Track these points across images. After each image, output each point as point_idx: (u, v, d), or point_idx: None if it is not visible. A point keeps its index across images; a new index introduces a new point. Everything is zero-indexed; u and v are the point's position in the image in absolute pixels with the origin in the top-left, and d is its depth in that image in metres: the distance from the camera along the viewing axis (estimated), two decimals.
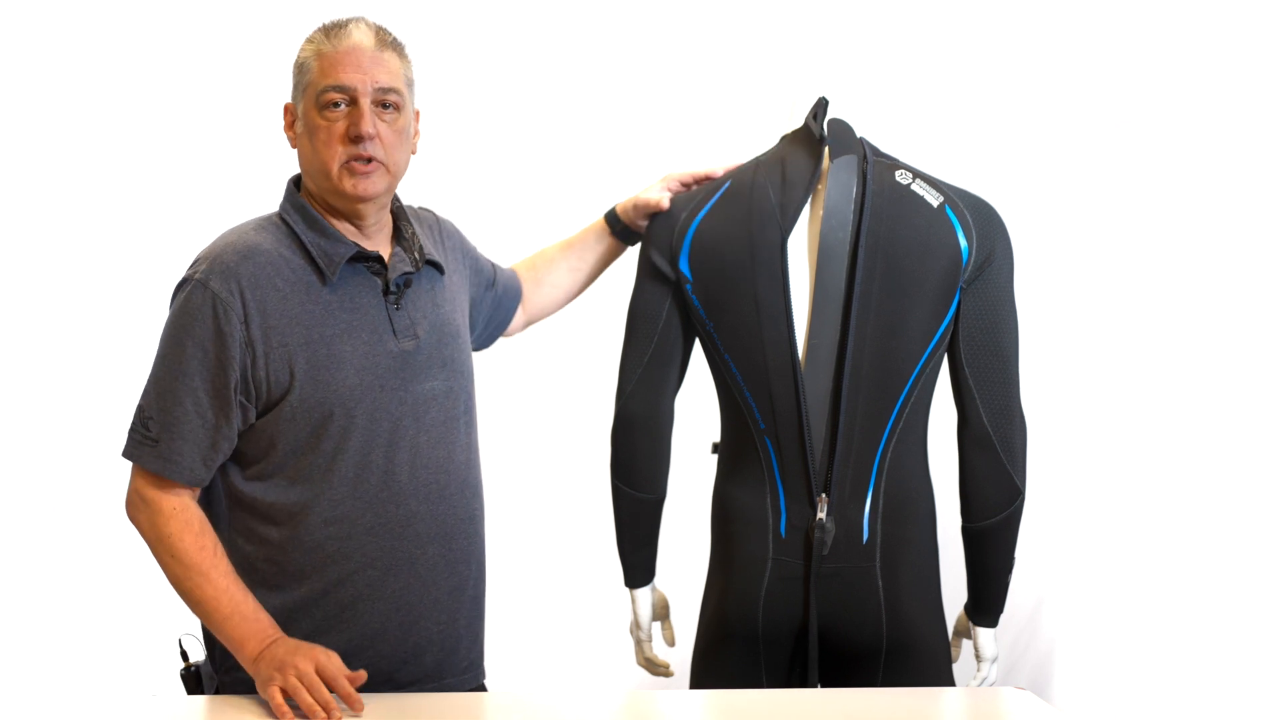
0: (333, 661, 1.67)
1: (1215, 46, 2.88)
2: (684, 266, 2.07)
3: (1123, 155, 3.00)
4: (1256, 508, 2.77)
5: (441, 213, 2.09)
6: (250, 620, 1.73)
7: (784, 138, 2.13)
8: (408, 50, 1.87)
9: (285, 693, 1.65)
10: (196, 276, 1.76)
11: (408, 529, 1.82)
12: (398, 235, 1.90)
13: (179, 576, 1.75)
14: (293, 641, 1.71)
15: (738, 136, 2.58)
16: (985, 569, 2.09)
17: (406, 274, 1.85)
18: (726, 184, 2.10)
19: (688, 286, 2.07)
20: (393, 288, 1.83)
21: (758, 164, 2.10)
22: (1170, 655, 2.82)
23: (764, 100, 2.74)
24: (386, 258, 1.85)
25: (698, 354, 2.15)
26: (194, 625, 1.86)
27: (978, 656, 2.14)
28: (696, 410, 2.35)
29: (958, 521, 2.08)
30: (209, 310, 1.73)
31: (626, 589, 2.26)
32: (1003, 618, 2.14)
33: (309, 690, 1.64)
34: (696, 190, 2.13)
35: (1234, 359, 2.83)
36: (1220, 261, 2.86)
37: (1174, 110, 2.93)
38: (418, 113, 1.90)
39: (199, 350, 1.73)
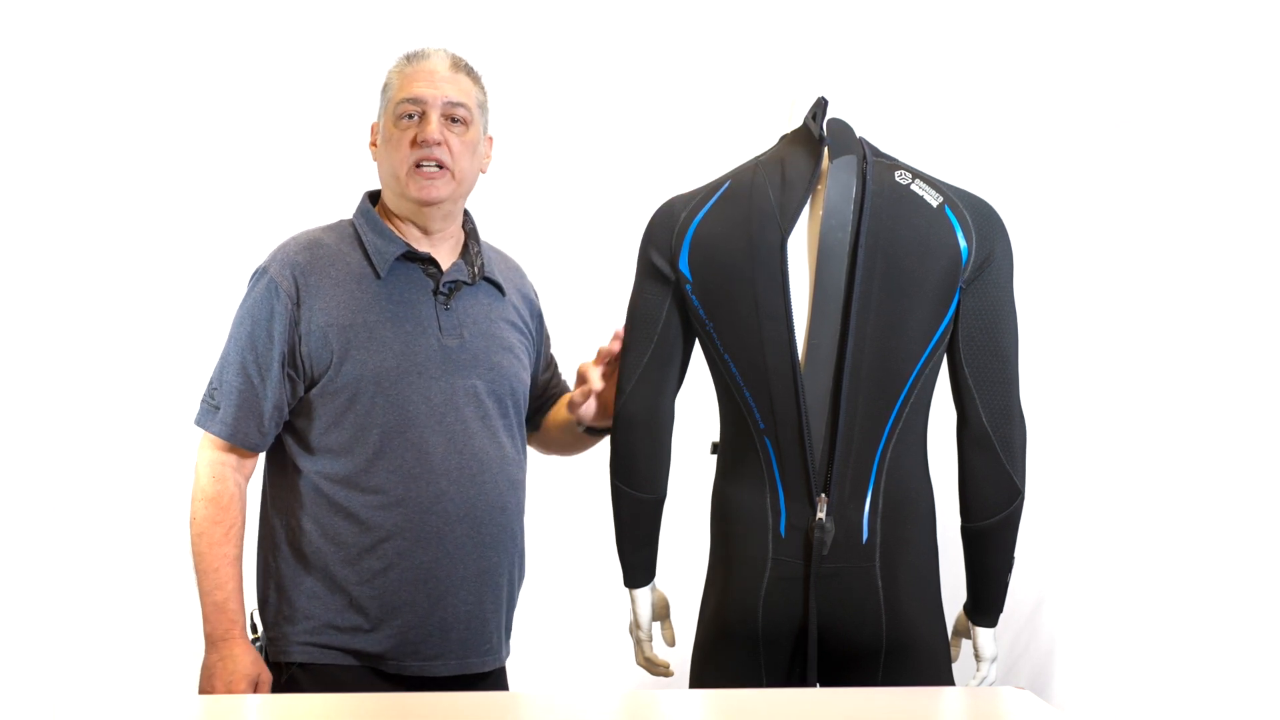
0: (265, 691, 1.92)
1: (1215, 46, 2.88)
2: (684, 266, 2.07)
3: (1123, 155, 3.00)
4: (1256, 508, 2.77)
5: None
6: (219, 606, 1.95)
7: (783, 138, 2.13)
8: (485, 81, 2.09)
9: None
10: (261, 265, 2.02)
11: (436, 504, 1.97)
12: (465, 251, 2.09)
13: (191, 537, 1.98)
14: (241, 653, 1.93)
15: (738, 136, 2.58)
16: (985, 569, 2.09)
17: (459, 280, 2.04)
18: (726, 184, 2.10)
19: (687, 286, 2.07)
20: (442, 289, 2.02)
21: (757, 164, 2.10)
22: (1170, 655, 2.82)
23: (763, 100, 2.74)
24: (445, 265, 2.05)
25: (698, 354, 2.15)
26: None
27: (977, 656, 2.14)
28: (696, 410, 2.35)
29: (958, 521, 2.08)
30: (265, 291, 1.98)
31: (626, 589, 2.26)
32: (1003, 618, 2.14)
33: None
34: (696, 190, 2.13)
35: (1234, 359, 2.83)
36: (1220, 261, 2.86)
37: (1174, 110, 2.93)
38: (491, 139, 2.11)
39: (255, 327, 1.97)
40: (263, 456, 2.06)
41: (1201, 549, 2.81)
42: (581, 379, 2.10)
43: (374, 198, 2.10)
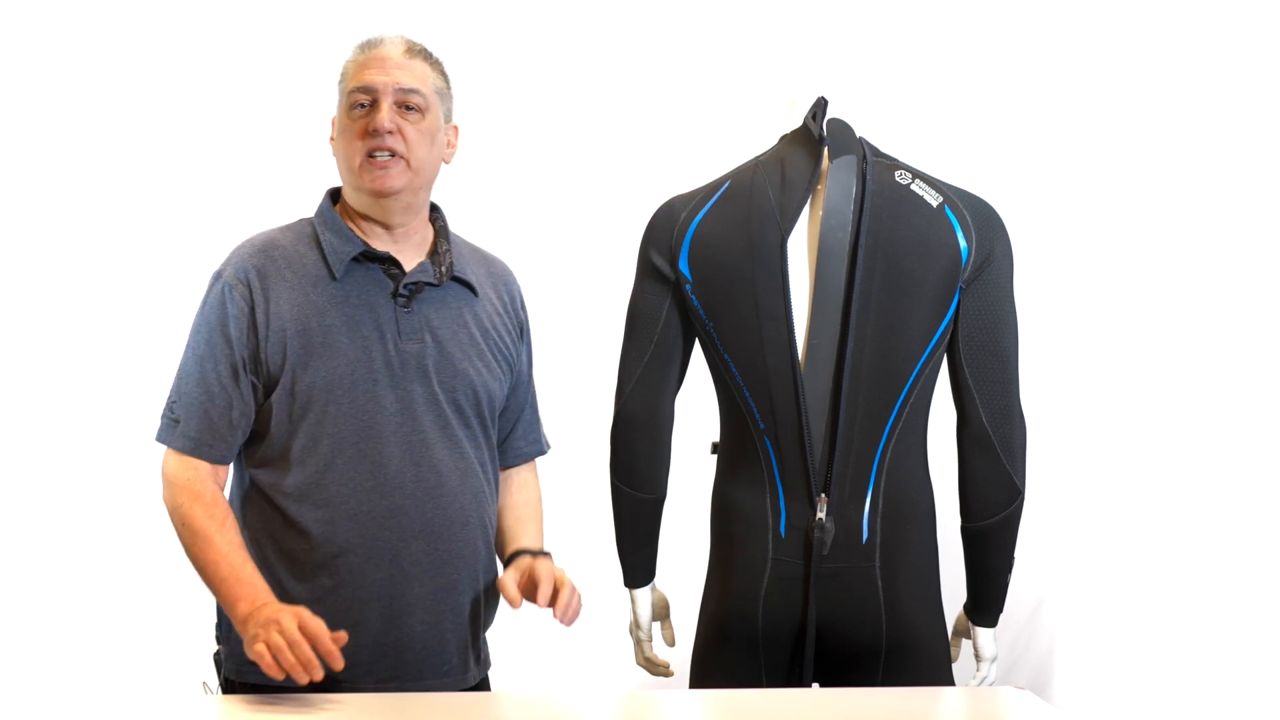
0: (316, 621, 1.71)
1: (1215, 46, 2.88)
2: (683, 266, 2.07)
3: (1123, 155, 3.00)
4: (1256, 508, 2.77)
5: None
6: (245, 584, 1.78)
7: (783, 138, 2.13)
8: (445, 67, 1.96)
9: (271, 650, 1.68)
10: (217, 269, 1.91)
11: (390, 519, 1.85)
12: (434, 250, 1.96)
13: (188, 543, 1.84)
14: (281, 604, 1.76)
15: (738, 136, 2.58)
16: (985, 569, 2.09)
17: (421, 281, 1.90)
18: (726, 184, 2.10)
19: (687, 286, 2.07)
20: (402, 290, 1.89)
21: (757, 164, 2.10)
22: (1170, 655, 2.82)
23: (763, 100, 2.74)
24: (409, 265, 1.92)
25: (698, 354, 2.15)
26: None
27: (977, 656, 2.14)
28: (696, 410, 2.35)
29: (958, 521, 2.08)
30: (221, 296, 1.87)
31: (626, 589, 2.26)
32: (1003, 618, 2.14)
33: (291, 648, 1.68)
34: (696, 190, 2.13)
35: (1234, 359, 2.83)
36: (1220, 261, 2.86)
37: (1174, 110, 2.93)
38: (456, 127, 1.99)
39: (211, 334, 1.86)
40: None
41: (1201, 549, 2.81)
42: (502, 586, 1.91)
43: (337, 195, 1.98)
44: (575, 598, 1.88)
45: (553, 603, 1.87)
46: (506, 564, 1.97)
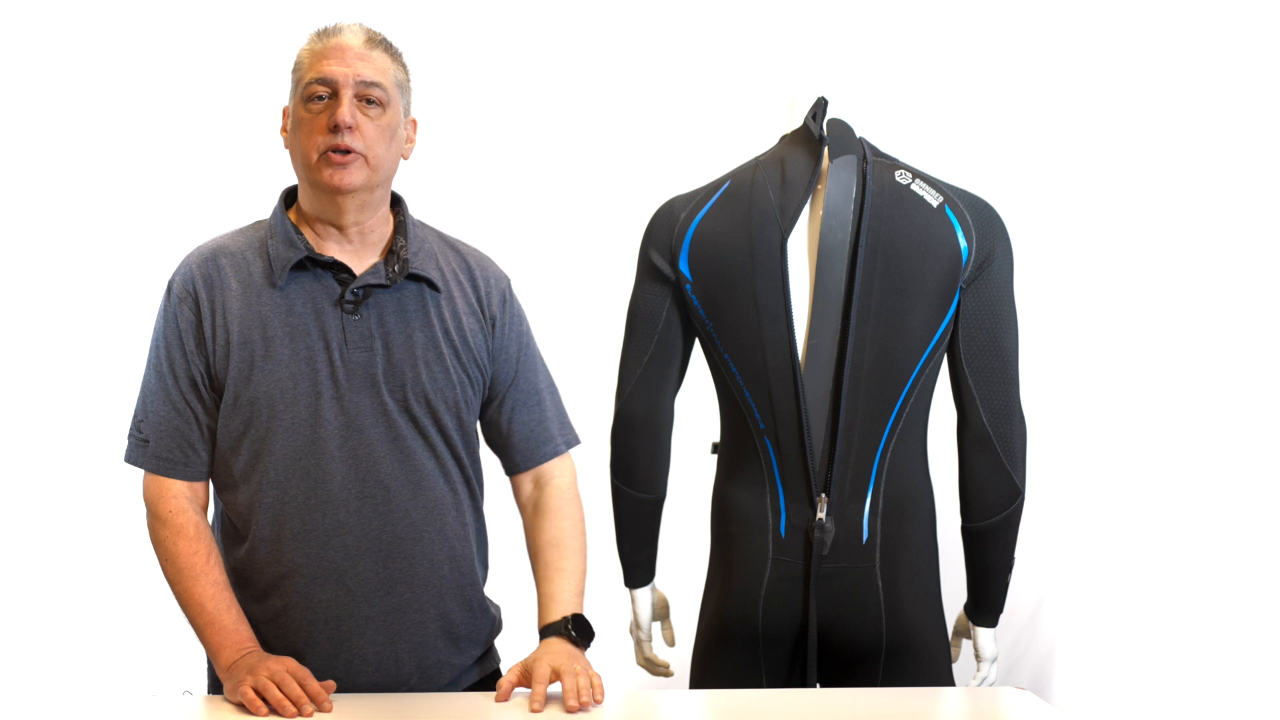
0: (303, 669, 1.71)
1: (1215, 46, 2.88)
2: (684, 266, 2.07)
3: (1123, 155, 3.00)
4: (1256, 508, 2.77)
5: (440, 218, 2.05)
6: (229, 631, 1.76)
7: (783, 138, 2.13)
8: (405, 58, 1.86)
9: (257, 691, 1.68)
10: (170, 279, 1.85)
11: (334, 538, 1.79)
12: (390, 249, 1.87)
13: (171, 578, 1.81)
14: (265, 653, 1.75)
15: (738, 136, 2.58)
16: (985, 569, 2.09)
17: (370, 285, 1.81)
18: (726, 184, 2.10)
19: (687, 286, 2.07)
20: (349, 296, 1.80)
21: (757, 164, 2.10)
22: (1170, 655, 2.82)
23: (764, 100, 2.74)
24: (361, 267, 1.83)
25: (698, 354, 2.15)
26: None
27: (977, 656, 2.14)
28: (696, 410, 2.35)
29: (958, 521, 2.08)
30: (172, 309, 1.82)
31: (626, 589, 2.26)
32: (1003, 618, 2.14)
33: (280, 686, 1.67)
34: (696, 190, 2.13)
35: (1234, 359, 2.83)
36: (1220, 261, 2.86)
37: (1174, 110, 2.93)
38: (415, 121, 1.89)
39: (170, 349, 1.81)
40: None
41: (1201, 549, 2.81)
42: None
43: (292, 196, 1.90)
44: (581, 681, 1.75)
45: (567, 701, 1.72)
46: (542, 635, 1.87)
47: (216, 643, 1.76)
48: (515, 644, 2.13)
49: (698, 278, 2.06)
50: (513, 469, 2.00)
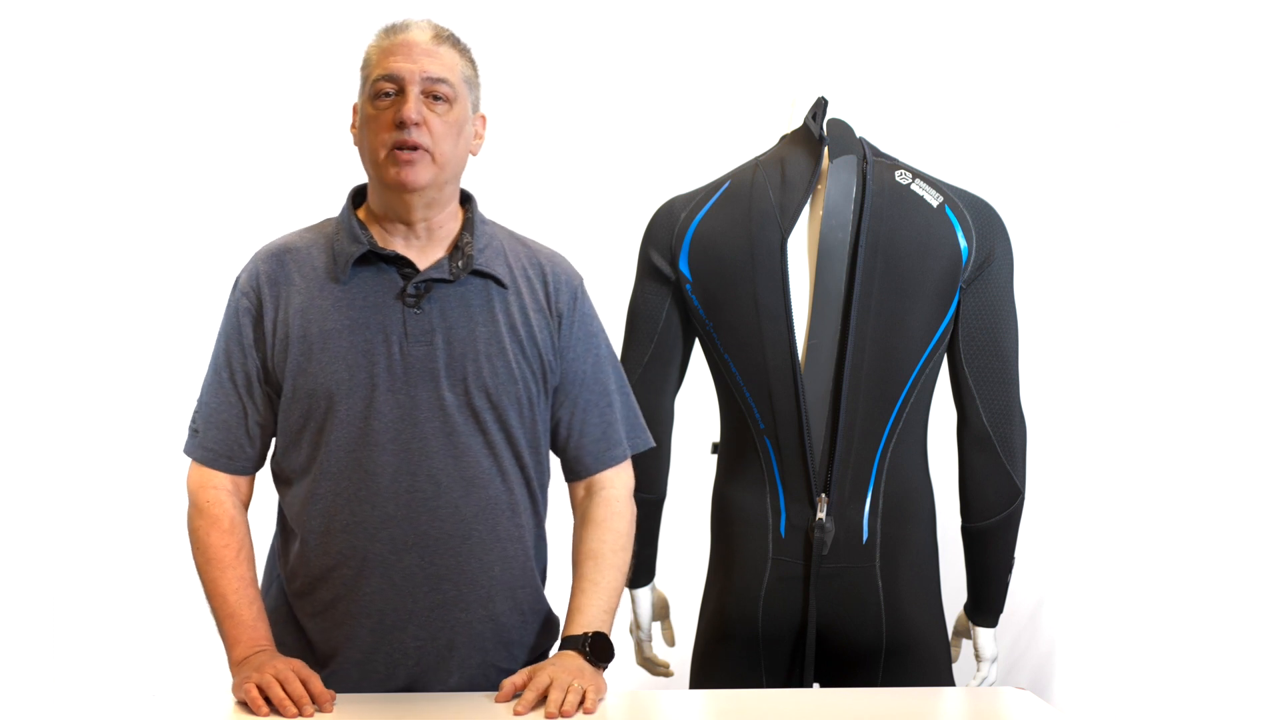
0: (310, 671, 1.72)
1: (1215, 46, 2.88)
2: (684, 266, 2.07)
3: (1123, 155, 3.00)
4: (1256, 508, 2.77)
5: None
6: (246, 626, 1.77)
7: (783, 138, 2.13)
8: (473, 54, 1.87)
9: (261, 690, 1.68)
10: (236, 276, 1.89)
11: (381, 531, 1.78)
12: (456, 245, 1.86)
13: (200, 567, 1.83)
14: (276, 653, 1.76)
15: (738, 136, 2.58)
16: (985, 569, 2.09)
17: (432, 280, 1.81)
18: (726, 184, 2.10)
19: (687, 286, 2.07)
20: (410, 290, 1.80)
21: (757, 164, 2.10)
22: (1170, 655, 2.82)
23: (764, 100, 2.74)
24: (425, 263, 1.83)
25: (698, 354, 2.15)
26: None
27: (977, 656, 2.14)
28: (696, 410, 2.35)
29: (958, 521, 2.08)
30: (235, 305, 1.86)
31: (626, 589, 2.26)
32: (1003, 618, 2.14)
33: (283, 685, 1.68)
34: (696, 190, 2.13)
35: (1234, 359, 2.83)
36: (1220, 261, 2.86)
37: (1174, 110, 2.93)
38: (484, 117, 1.89)
39: (229, 344, 1.85)
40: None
41: (1201, 549, 2.81)
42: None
43: (361, 193, 1.91)
44: (570, 698, 1.71)
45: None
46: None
47: (233, 636, 1.77)
48: None
49: (698, 278, 2.06)
50: (568, 475, 1.98)
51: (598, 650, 1.81)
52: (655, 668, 2.29)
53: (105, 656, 3.13)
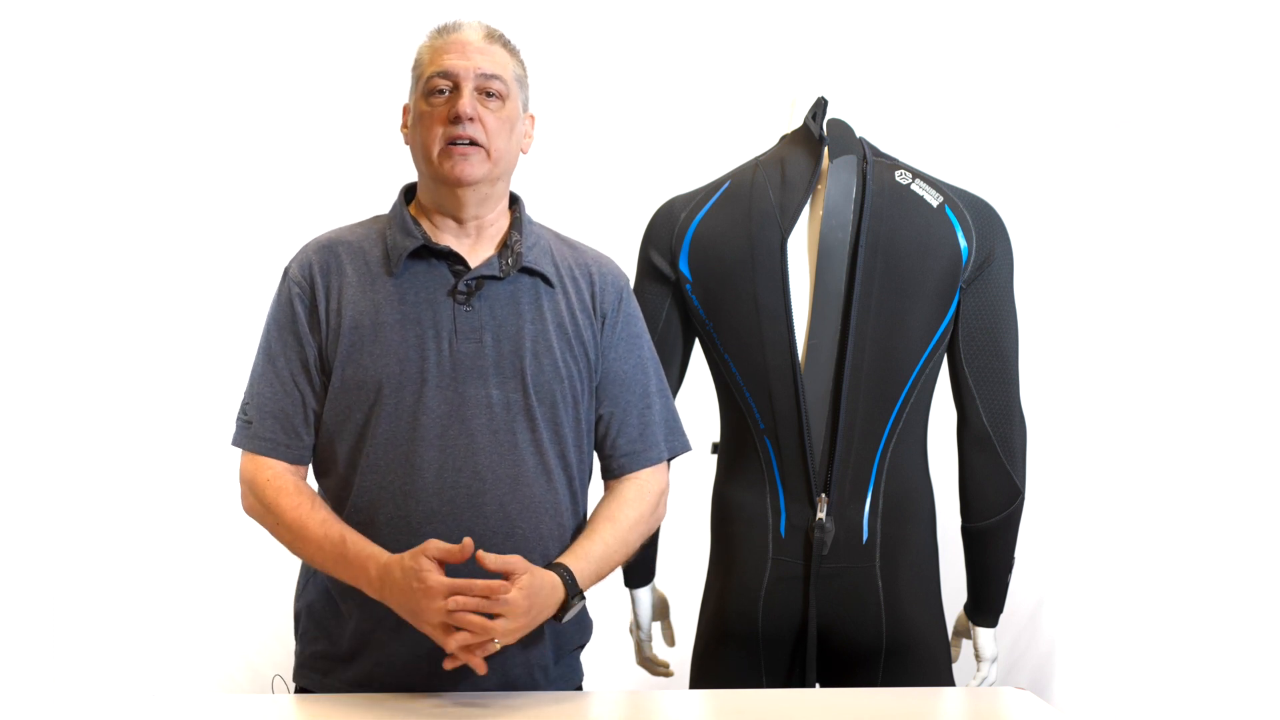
0: (432, 550, 1.66)
1: (1215, 46, 2.89)
2: (684, 266, 2.07)
3: (1123, 155, 3.00)
4: (1256, 508, 2.77)
5: None
6: (351, 562, 1.74)
7: (783, 138, 2.13)
8: (523, 54, 1.91)
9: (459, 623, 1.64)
10: (285, 266, 1.89)
11: (425, 527, 1.77)
12: (505, 243, 1.87)
13: (287, 543, 1.81)
14: (387, 564, 1.70)
15: (738, 136, 2.58)
16: (985, 569, 2.09)
17: (483, 277, 1.82)
18: (726, 184, 2.10)
19: (687, 286, 2.07)
20: (461, 287, 1.81)
21: (757, 164, 2.10)
22: (1170, 655, 2.82)
23: (764, 100, 2.74)
24: (476, 260, 1.84)
25: (698, 354, 2.15)
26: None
27: (977, 656, 2.14)
28: (696, 410, 2.35)
29: (958, 521, 2.08)
30: (286, 294, 1.86)
31: (626, 589, 2.26)
32: (1003, 618, 2.14)
33: (455, 616, 1.64)
34: (696, 190, 2.13)
35: (1234, 359, 2.83)
36: (1220, 261, 2.87)
37: (1174, 110, 2.93)
38: (533, 117, 1.93)
39: (282, 333, 1.85)
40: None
41: (1201, 550, 2.81)
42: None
43: (412, 191, 1.93)
44: (489, 645, 1.66)
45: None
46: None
47: (351, 577, 1.75)
48: (602, 654, 2.12)
49: (698, 278, 2.06)
50: (605, 474, 1.96)
51: (570, 587, 1.76)
52: (655, 668, 2.29)
53: (105, 656, 3.13)
